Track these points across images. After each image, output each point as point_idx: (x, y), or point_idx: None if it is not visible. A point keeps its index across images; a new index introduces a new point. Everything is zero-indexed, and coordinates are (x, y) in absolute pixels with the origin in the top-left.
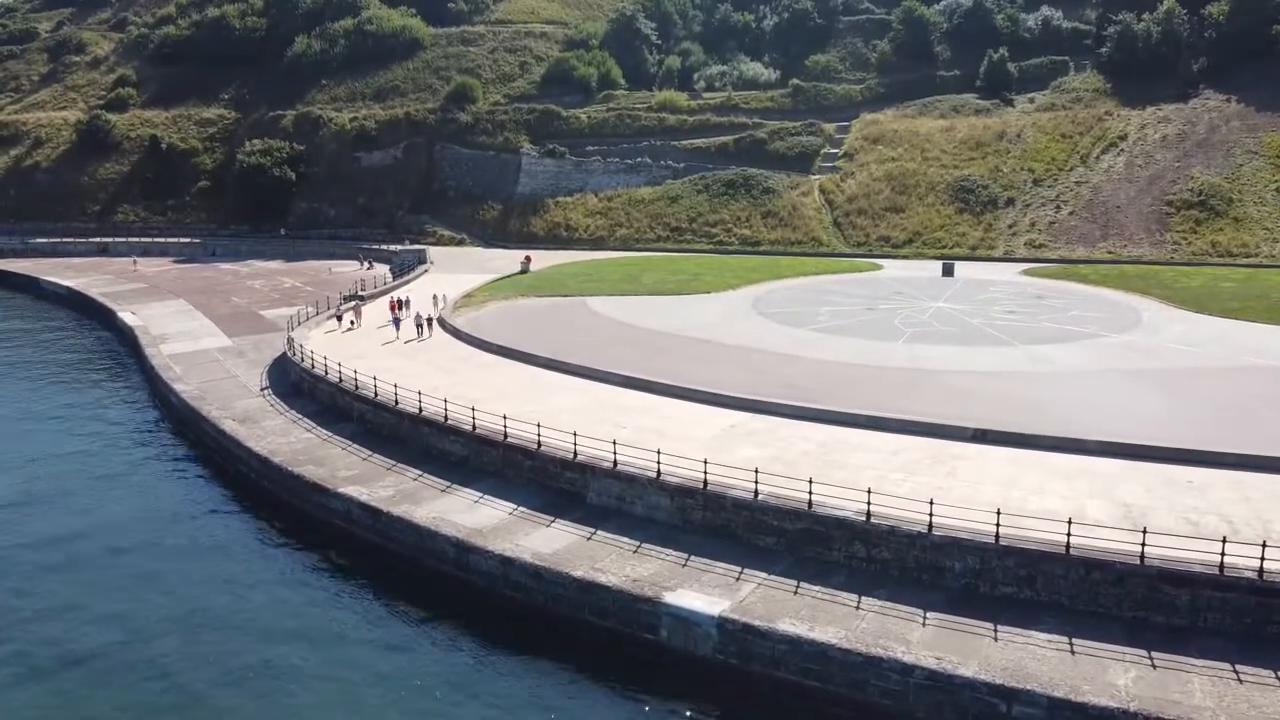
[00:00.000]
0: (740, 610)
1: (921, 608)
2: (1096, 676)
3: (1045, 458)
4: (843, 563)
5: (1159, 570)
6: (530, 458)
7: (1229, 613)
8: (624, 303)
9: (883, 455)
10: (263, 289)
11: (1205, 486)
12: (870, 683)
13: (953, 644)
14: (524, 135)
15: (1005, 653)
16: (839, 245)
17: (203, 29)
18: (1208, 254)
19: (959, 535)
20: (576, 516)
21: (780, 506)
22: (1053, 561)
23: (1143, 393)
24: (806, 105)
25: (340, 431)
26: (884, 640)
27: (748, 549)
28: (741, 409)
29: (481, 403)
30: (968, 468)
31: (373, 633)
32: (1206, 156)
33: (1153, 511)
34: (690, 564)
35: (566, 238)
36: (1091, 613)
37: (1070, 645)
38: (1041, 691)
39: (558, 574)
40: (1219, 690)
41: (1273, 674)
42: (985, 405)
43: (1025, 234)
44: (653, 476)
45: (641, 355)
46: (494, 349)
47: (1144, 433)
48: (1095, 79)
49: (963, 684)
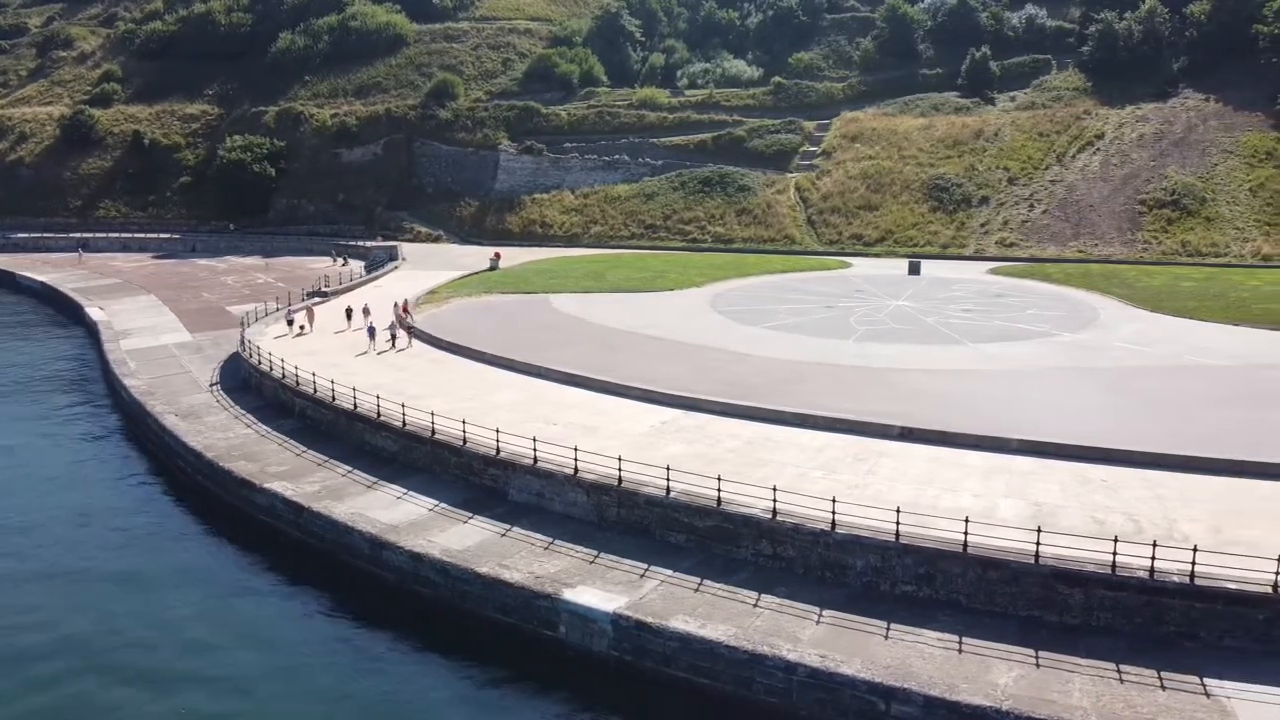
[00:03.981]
0: (636, 607)
1: (819, 605)
2: (979, 675)
3: (967, 456)
4: (750, 560)
5: (1053, 569)
6: (456, 454)
7: (1120, 612)
8: (586, 300)
9: (807, 453)
10: (235, 285)
11: (1119, 485)
12: (756, 680)
13: (843, 642)
14: (503, 132)
15: (893, 651)
16: (811, 243)
17: (189, 25)
18: (1177, 253)
19: (860, 534)
20: (496, 513)
21: (690, 504)
22: (950, 560)
23: (1082, 391)
24: (788, 103)
25: (280, 428)
26: (773, 638)
27: (660, 546)
28: (676, 406)
29: (421, 399)
30: (889, 466)
31: (282, 627)
32: (1182, 156)
33: (1063, 510)
34: (599, 561)
35: (541, 235)
36: (987, 611)
37: (959, 644)
38: (918, 690)
39: (464, 570)
40: (1098, 690)
41: (1156, 674)
42: (922, 403)
43: (997, 233)
44: (570, 474)
45: (593, 352)
46: (445, 345)
47: (1074, 431)
48: (1076, 78)
49: (843, 682)
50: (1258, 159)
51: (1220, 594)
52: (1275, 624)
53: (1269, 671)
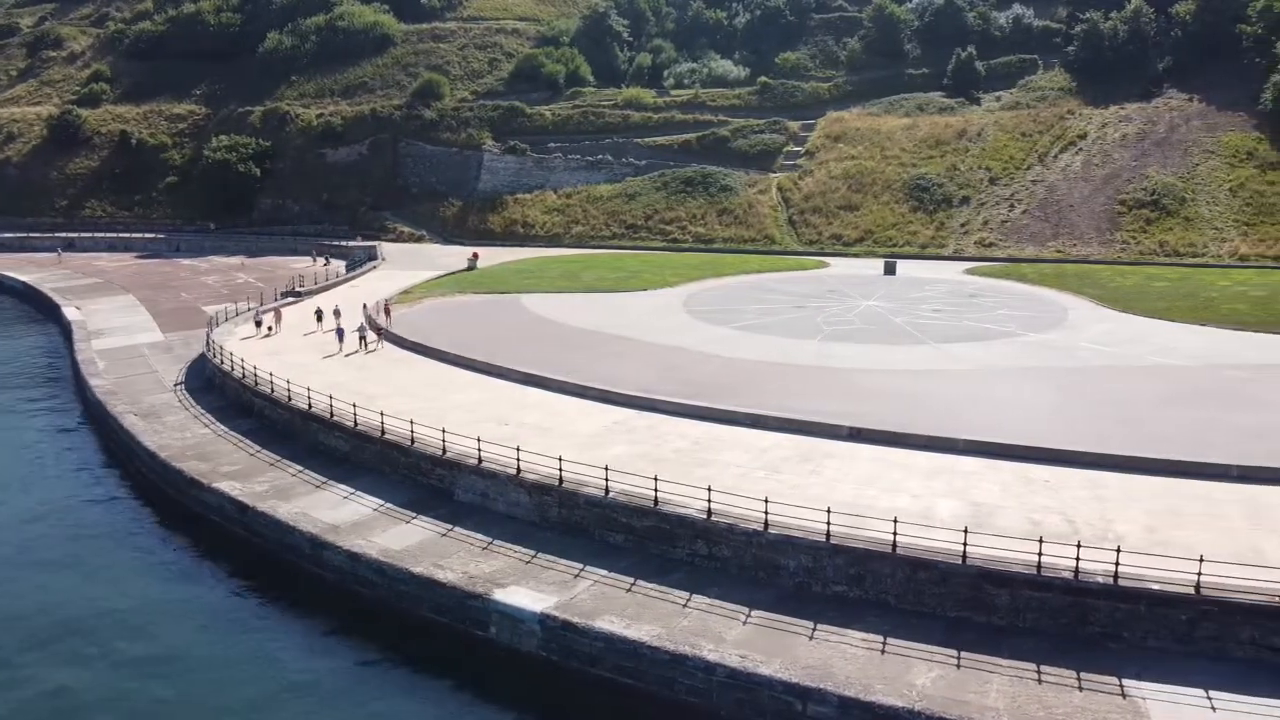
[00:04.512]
0: (565, 608)
1: (749, 606)
2: (898, 676)
3: (914, 456)
4: (686, 560)
5: (979, 570)
6: (404, 454)
7: (1046, 613)
8: (558, 300)
9: (753, 453)
10: (214, 284)
11: (1061, 486)
12: (678, 681)
13: (767, 642)
14: (487, 132)
15: (816, 651)
16: (791, 243)
17: (178, 25)
18: (1155, 253)
19: (792, 534)
20: (440, 513)
21: (628, 504)
22: (880, 560)
23: (1039, 392)
24: (774, 103)
25: (238, 427)
26: (697, 639)
27: (599, 546)
28: (630, 406)
29: (379, 399)
30: (834, 466)
31: (219, 624)
32: (1164, 156)
33: (1001, 511)
34: (535, 561)
35: (523, 235)
36: (916, 612)
37: (884, 644)
38: (833, 691)
39: (399, 570)
40: (1015, 691)
41: (1075, 675)
42: (878, 403)
43: (976, 233)
44: (513, 474)
45: (558, 352)
46: (410, 346)
47: (1025, 431)
48: (1061, 78)
49: (761, 682)
50: (1239, 159)
51: (1143, 595)
52: (1197, 625)
53: (1189, 672)
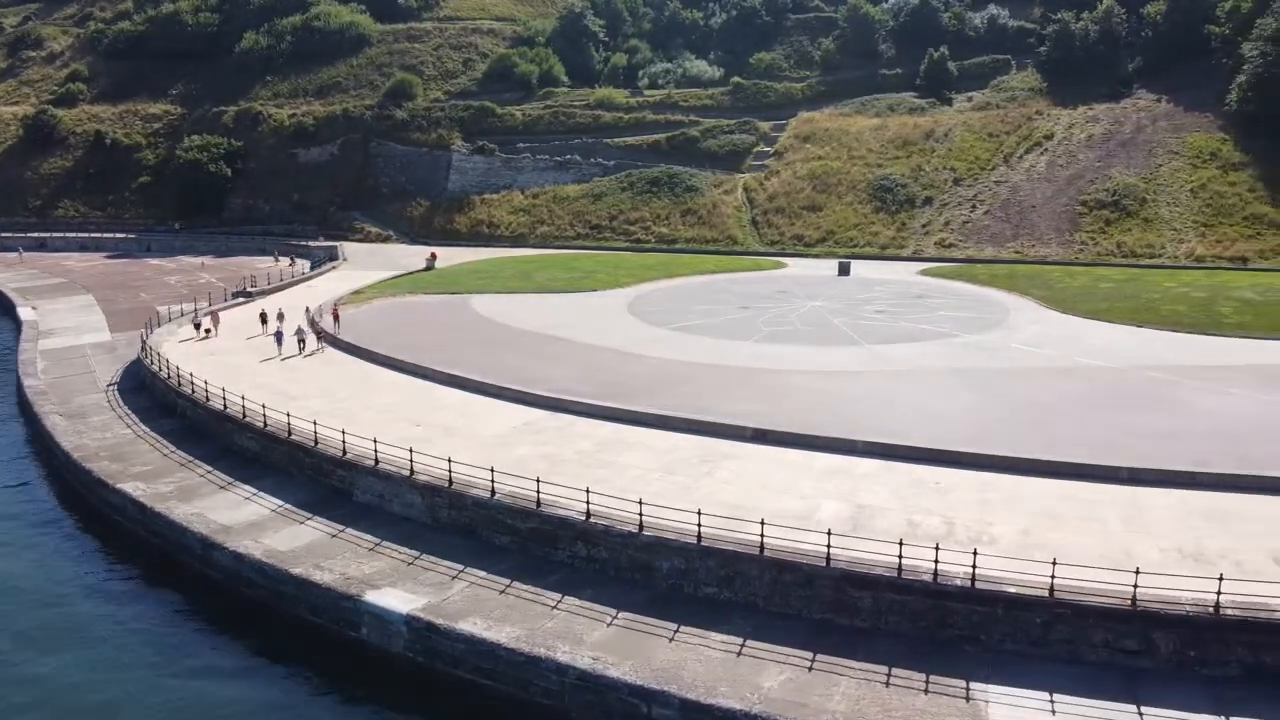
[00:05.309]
0: (432, 609)
1: (618, 607)
2: (747, 678)
3: (813, 458)
4: (566, 562)
5: (842, 573)
6: (308, 455)
7: (907, 616)
8: (507, 300)
9: (655, 454)
10: (175, 285)
11: (951, 488)
12: (533, 683)
13: (627, 644)
14: (457, 132)
15: (673, 653)
16: (753, 244)
17: (156, 25)
18: (1112, 254)
19: (666, 536)
20: (337, 514)
21: (512, 506)
22: (748, 562)
23: (957, 393)
24: (746, 103)
25: (160, 428)
26: (555, 640)
27: (485, 547)
28: (544, 407)
29: (298, 401)
30: (730, 467)
31: (107, 622)
32: (1128, 156)
33: (883, 513)
34: (418, 562)
35: (489, 235)
36: (782, 614)
37: (742, 646)
38: (676, 693)
39: (279, 571)
40: (860, 694)
41: (925, 678)
42: (792, 404)
43: (937, 233)
44: (407, 475)
45: (491, 353)
46: (346, 347)
47: (934, 433)
48: (1032, 78)
49: (609, 685)
50: (1201, 160)
51: (1000, 598)
52: (1052, 628)
53: (1040, 675)
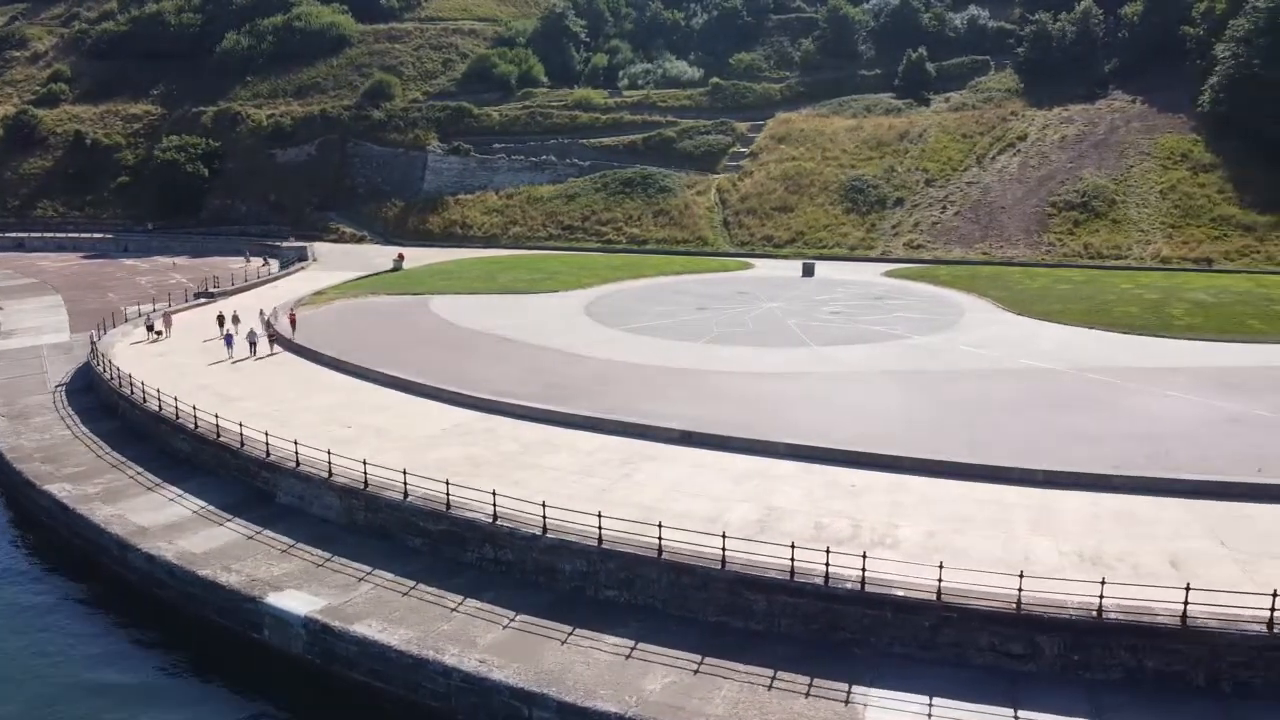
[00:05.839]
0: (331, 611)
1: (517, 610)
2: (631, 681)
3: (735, 460)
4: (474, 564)
5: (737, 575)
6: (235, 456)
7: (800, 618)
8: (464, 301)
9: (578, 456)
10: (145, 285)
11: (866, 490)
12: (422, 685)
13: (519, 647)
14: (433, 133)
15: (563, 656)
16: (723, 244)
17: (139, 25)
18: (1079, 255)
19: (568, 538)
20: (258, 515)
21: (424, 508)
22: (647, 565)
23: (893, 395)
24: (724, 104)
25: (100, 429)
26: (446, 643)
27: (398, 548)
28: (477, 409)
29: (236, 403)
30: (650, 469)
31: (17, 621)
32: (1100, 157)
33: (792, 515)
34: (329, 564)
35: (461, 235)
36: (679, 616)
37: (633, 649)
38: (554, 696)
39: (187, 572)
40: (741, 698)
41: (809, 681)
42: (728, 406)
43: (906, 234)
44: (325, 477)
45: (437, 354)
46: (294, 348)
47: (861, 435)
48: (1009, 79)
49: (492, 687)
50: (1173, 161)
51: (889, 601)
52: (940, 630)
53: (926, 678)
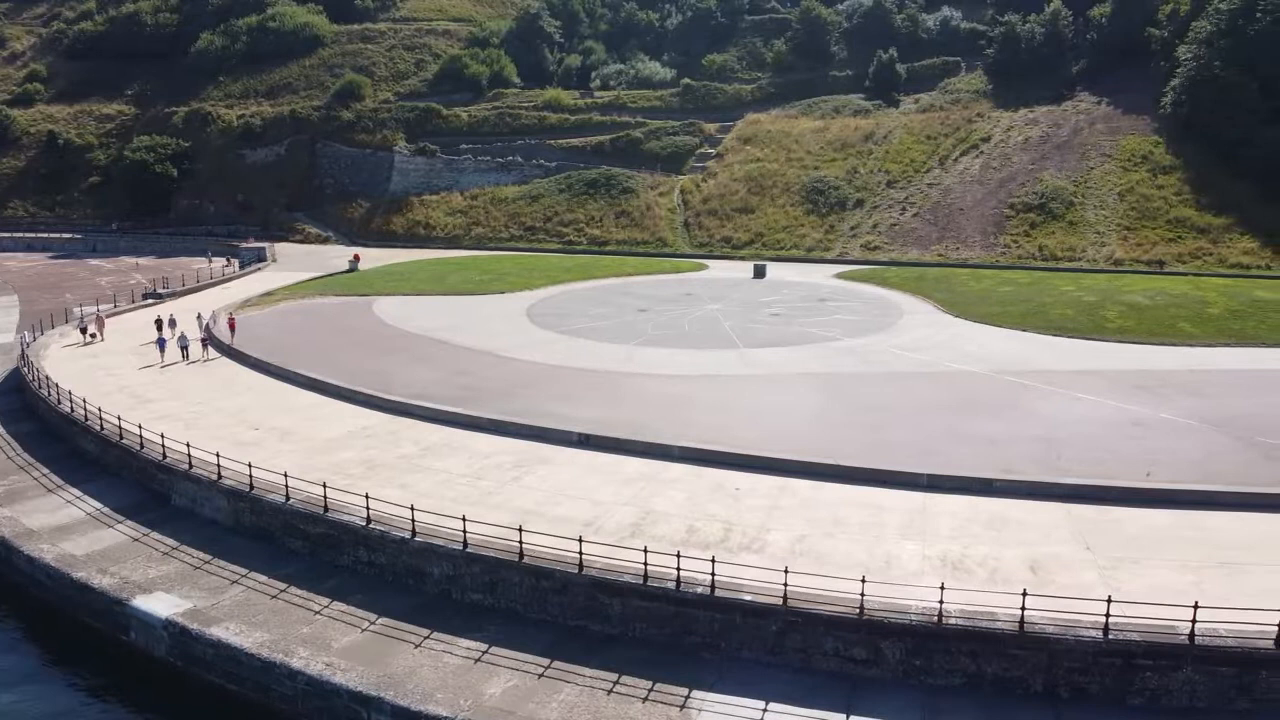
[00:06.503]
0: (192, 614)
1: (380, 613)
2: (473, 685)
3: (627, 463)
4: (349, 566)
5: (592, 580)
6: (135, 458)
7: (654, 622)
8: (409, 303)
9: (474, 459)
10: (105, 285)
11: (749, 493)
12: (271, 687)
13: (372, 650)
14: (401, 134)
15: (413, 659)
16: (683, 246)
17: (116, 25)
18: (1033, 257)
19: (435, 542)
20: (150, 517)
21: (303, 511)
22: (509, 569)
23: (807, 398)
24: (695, 105)
25: (18, 430)
26: (300, 646)
27: (279, 551)
28: (388, 411)
29: (154, 403)
30: (541, 472)
31: None
32: (1062, 159)
33: (668, 518)
34: (207, 566)
35: (424, 236)
36: (539, 620)
37: (484, 653)
38: (390, 700)
39: (62, 575)
40: (579, 702)
41: (650, 685)
42: (638, 408)
43: (864, 236)
44: (214, 479)
45: (368, 355)
46: (225, 350)
47: (762, 438)
48: (978, 80)
49: (333, 691)
50: (1133, 163)
51: (737, 606)
52: (786, 636)
53: (771, 683)
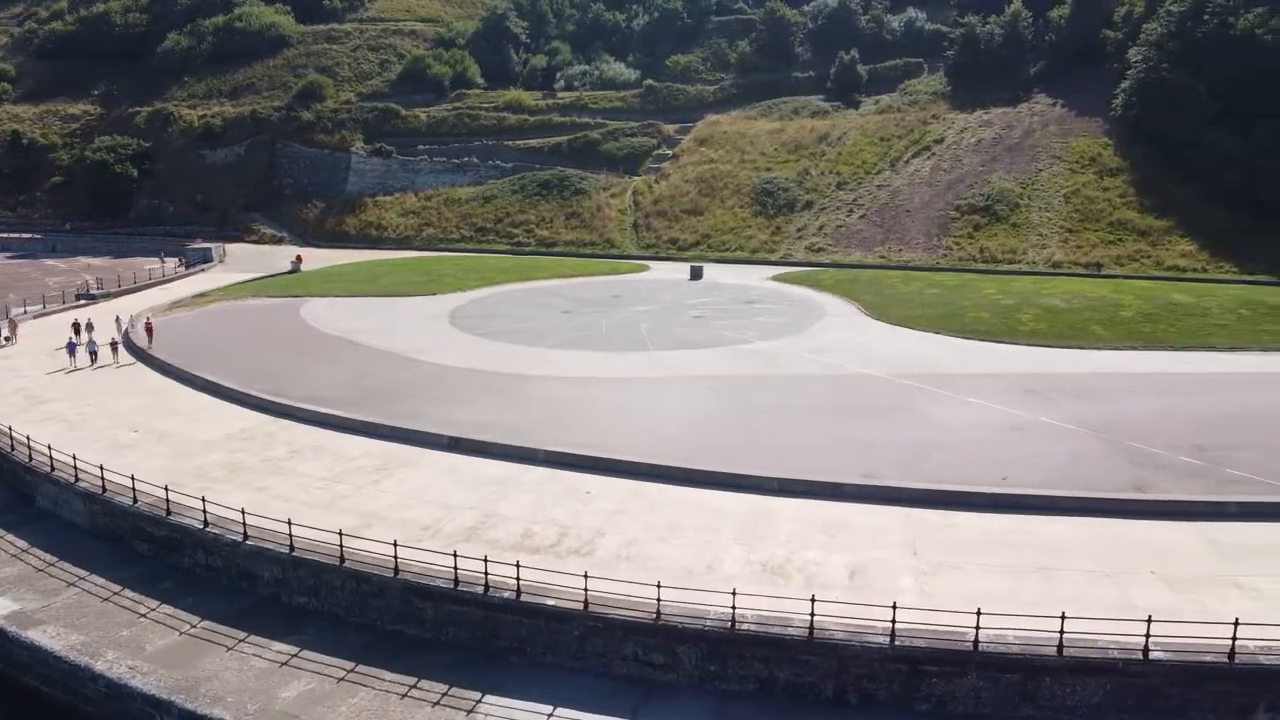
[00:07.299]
0: (14, 617)
1: (204, 615)
2: (269, 689)
3: (489, 466)
4: (187, 568)
5: (406, 584)
6: (5, 460)
7: (465, 626)
8: (337, 304)
9: (339, 461)
10: (53, 285)
11: (600, 496)
12: (79, 690)
13: (184, 653)
14: (359, 134)
15: (220, 663)
16: (630, 247)
17: (86, 25)
18: (973, 259)
19: (265, 545)
20: (9, 520)
21: (148, 513)
22: (331, 573)
23: (698, 401)
24: (657, 105)
25: None
26: (110, 649)
27: (126, 553)
28: (271, 412)
29: (47, 404)
30: (401, 475)
31: None
32: (1012, 160)
33: (508, 522)
34: (51, 568)
35: (376, 237)
36: (359, 624)
37: (293, 656)
38: (179, 703)
39: None
40: (368, 705)
41: (444, 690)
42: (526, 412)
43: (810, 238)
44: (72, 481)
45: (277, 358)
46: (135, 352)
47: (642, 443)
48: (937, 82)
49: (129, 694)
50: (1081, 165)
51: (541, 611)
52: (588, 640)
53: (567, 688)
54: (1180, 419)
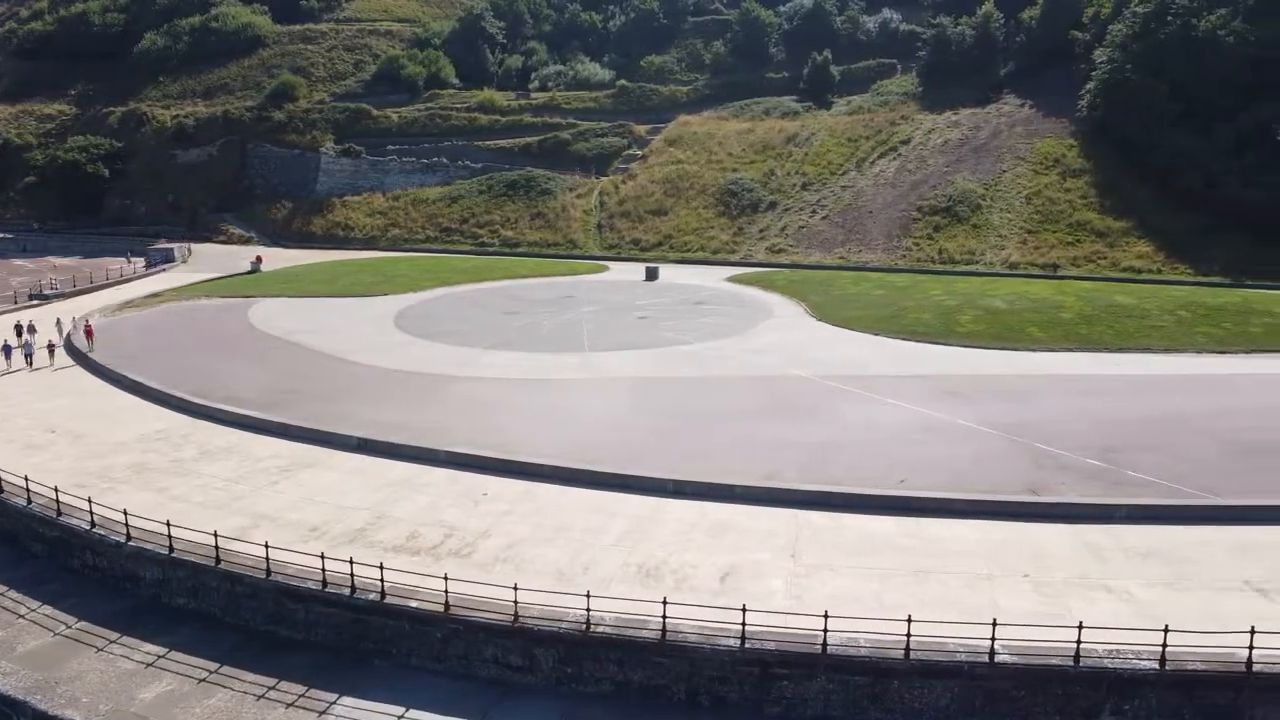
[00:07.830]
0: None
1: (81, 616)
2: (128, 690)
3: (393, 468)
4: (76, 569)
5: (278, 585)
6: None
7: (333, 628)
8: (286, 304)
9: (247, 462)
10: (16, 285)
11: (496, 498)
12: None
13: (54, 654)
14: (329, 134)
15: (86, 664)
16: (594, 248)
17: (64, 25)
18: (932, 260)
19: (145, 546)
20: None
21: (39, 514)
22: (207, 574)
23: (621, 402)
24: (629, 106)
25: None
26: None
27: (20, 554)
28: (188, 413)
29: None
30: (304, 477)
31: None
32: (977, 162)
33: (397, 523)
34: None
35: (343, 237)
36: (235, 625)
37: (160, 657)
38: (32, 704)
39: None
40: (224, 707)
41: (302, 692)
42: (441, 412)
43: (772, 239)
44: None
45: (216, 359)
46: (72, 352)
47: (553, 443)
48: (908, 82)
49: None
50: (1045, 166)
51: (405, 613)
52: (450, 643)
53: (425, 690)
54: (1094, 421)
